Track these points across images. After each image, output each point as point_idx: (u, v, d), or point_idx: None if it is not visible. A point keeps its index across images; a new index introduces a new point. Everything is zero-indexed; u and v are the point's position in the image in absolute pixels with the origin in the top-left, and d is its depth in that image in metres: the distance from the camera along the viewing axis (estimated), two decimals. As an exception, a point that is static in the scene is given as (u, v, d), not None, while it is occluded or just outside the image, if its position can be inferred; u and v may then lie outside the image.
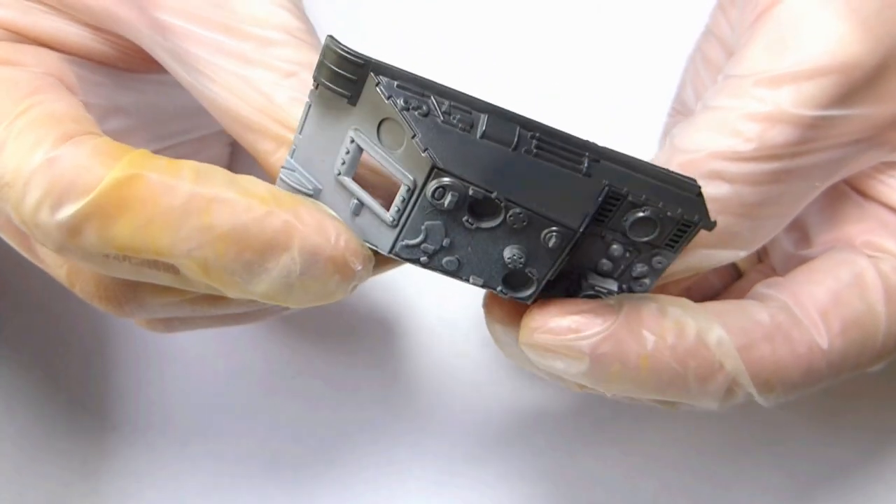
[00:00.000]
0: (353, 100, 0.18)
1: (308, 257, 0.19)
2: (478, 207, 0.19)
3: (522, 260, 0.19)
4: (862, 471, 0.31)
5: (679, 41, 0.29)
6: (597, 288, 0.20)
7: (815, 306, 0.21)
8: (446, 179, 0.18)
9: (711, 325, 0.21)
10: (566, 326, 0.20)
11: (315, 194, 0.20)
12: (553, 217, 0.18)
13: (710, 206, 0.20)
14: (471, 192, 0.18)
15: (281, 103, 0.20)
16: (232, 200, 0.18)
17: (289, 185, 0.20)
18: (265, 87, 0.20)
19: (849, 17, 0.20)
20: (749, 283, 0.26)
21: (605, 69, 0.19)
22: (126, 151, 0.19)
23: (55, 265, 0.22)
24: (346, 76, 0.18)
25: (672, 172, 0.19)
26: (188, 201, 0.18)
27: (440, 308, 0.31)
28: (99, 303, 0.22)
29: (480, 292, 0.22)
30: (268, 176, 0.21)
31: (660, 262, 0.20)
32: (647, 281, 0.21)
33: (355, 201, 0.20)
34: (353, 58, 0.18)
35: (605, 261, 0.20)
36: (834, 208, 0.24)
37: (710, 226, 0.19)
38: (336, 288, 0.20)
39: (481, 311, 0.22)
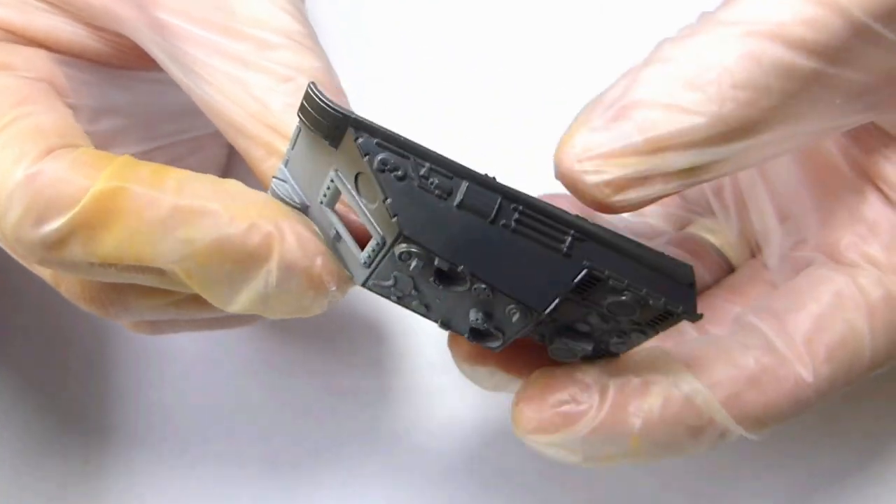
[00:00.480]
0: (334, 143, 0.18)
1: (284, 271, 0.19)
2: (444, 275, 0.18)
3: (486, 325, 0.19)
4: (861, 472, 0.31)
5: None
6: (570, 346, 0.20)
7: (799, 334, 0.22)
8: (412, 247, 0.17)
9: (696, 388, 0.21)
10: (554, 422, 0.21)
11: (303, 209, 0.20)
12: (518, 297, 0.18)
13: (732, 92, 0.18)
14: (436, 263, 0.18)
15: (275, 109, 0.20)
16: (214, 212, 0.18)
17: (279, 195, 0.20)
18: (260, 91, 0.20)
19: None
20: (739, 282, 0.26)
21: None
22: (109, 161, 0.18)
23: (41, 268, 0.22)
24: (326, 125, 0.18)
25: (666, 258, 0.19)
26: (171, 214, 0.18)
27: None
28: (84, 304, 0.22)
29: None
30: (260, 182, 0.21)
31: (638, 338, 0.20)
32: (623, 347, 0.21)
33: (335, 231, 0.20)
34: (333, 110, 0.17)
35: (581, 325, 0.20)
36: (826, 208, 0.24)
37: (695, 318, 0.19)
38: (311, 303, 0.20)
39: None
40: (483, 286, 0.18)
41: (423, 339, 0.31)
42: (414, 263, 0.18)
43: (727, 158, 0.19)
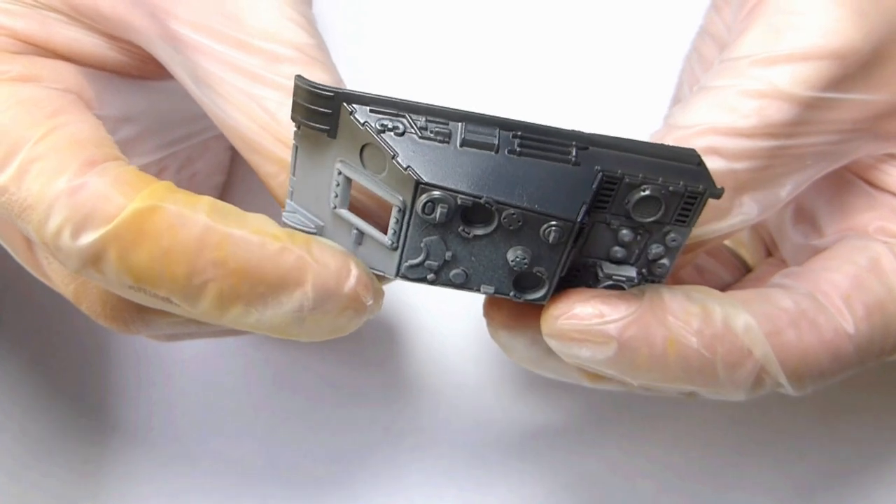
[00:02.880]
0: (332, 133, 0.19)
1: (321, 293, 0.19)
2: (470, 215, 0.19)
3: (527, 260, 0.19)
4: (862, 471, 0.31)
5: (675, 43, 0.29)
6: (615, 277, 0.20)
7: (836, 292, 0.21)
8: (434, 193, 0.18)
9: (737, 311, 0.20)
10: (591, 312, 0.19)
11: (319, 232, 0.20)
12: (548, 212, 0.18)
13: None
14: (459, 202, 0.18)
15: (285, 123, 0.20)
16: (246, 236, 0.19)
17: (292, 227, 0.20)
18: (271, 105, 0.20)
19: (844, 3, 0.20)
20: (759, 277, 0.26)
21: (603, 71, 0.20)
22: (148, 182, 0.19)
23: (62, 284, 0.23)
24: (320, 111, 0.18)
25: (667, 146, 0.19)
26: (204, 234, 0.19)
27: (441, 308, 0.31)
28: (105, 321, 0.23)
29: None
30: (273, 197, 0.21)
31: (674, 240, 0.20)
32: (665, 262, 0.20)
33: (355, 231, 0.20)
34: (322, 91, 0.18)
35: (617, 248, 0.20)
36: (843, 198, 0.24)
37: (718, 193, 0.19)
38: (348, 322, 0.20)
39: (482, 310, 0.22)
40: (511, 212, 0.18)
41: (423, 340, 0.31)
42: (440, 211, 0.18)
43: (709, 237, 0.21)
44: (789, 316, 0.21)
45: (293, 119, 0.19)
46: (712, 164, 0.20)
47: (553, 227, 0.18)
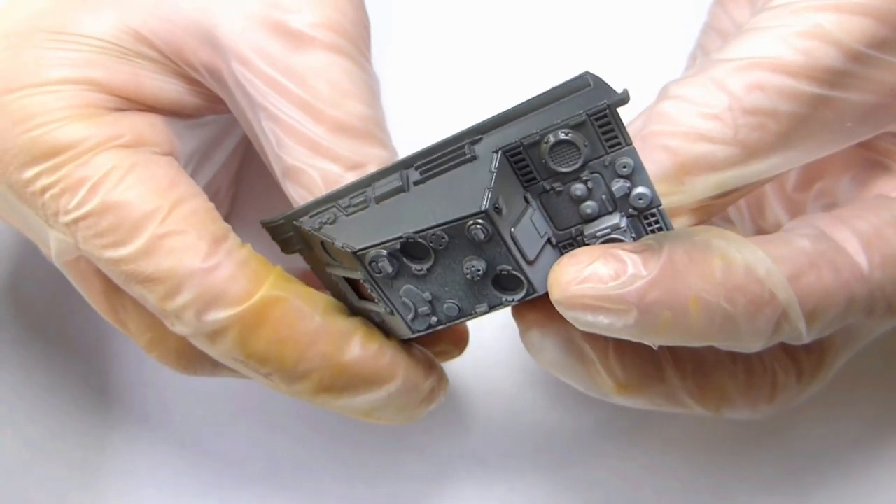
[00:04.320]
0: (305, 248, 0.22)
1: (409, 387, 0.22)
2: (414, 254, 0.19)
3: (480, 269, 0.18)
4: (862, 470, 0.31)
5: (680, 42, 0.29)
6: (600, 233, 0.18)
7: (857, 237, 0.21)
8: (370, 252, 0.19)
9: (759, 256, 0.19)
10: (604, 274, 0.17)
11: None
12: (455, 217, 0.18)
13: (743, 118, 0.19)
14: (389, 250, 0.19)
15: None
16: (352, 334, 0.21)
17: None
18: (330, 176, 0.21)
19: None
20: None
21: (609, 66, 0.20)
22: (270, 270, 0.21)
23: (138, 332, 0.24)
24: (289, 237, 0.21)
25: (557, 87, 0.18)
26: (319, 330, 0.21)
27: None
28: (175, 369, 0.24)
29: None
30: None
31: (625, 166, 0.18)
32: (641, 190, 0.18)
33: (373, 312, 0.22)
34: (277, 223, 0.21)
35: (584, 205, 0.18)
36: (865, 175, 0.24)
37: (622, 96, 0.16)
38: (418, 412, 0.23)
39: (509, 312, 0.21)
40: (431, 234, 0.18)
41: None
42: (384, 263, 0.19)
43: (747, 182, 0.20)
44: (809, 257, 0.20)
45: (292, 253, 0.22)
46: (754, 98, 0.19)
47: (473, 227, 0.17)
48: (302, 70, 0.21)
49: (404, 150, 0.21)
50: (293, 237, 0.21)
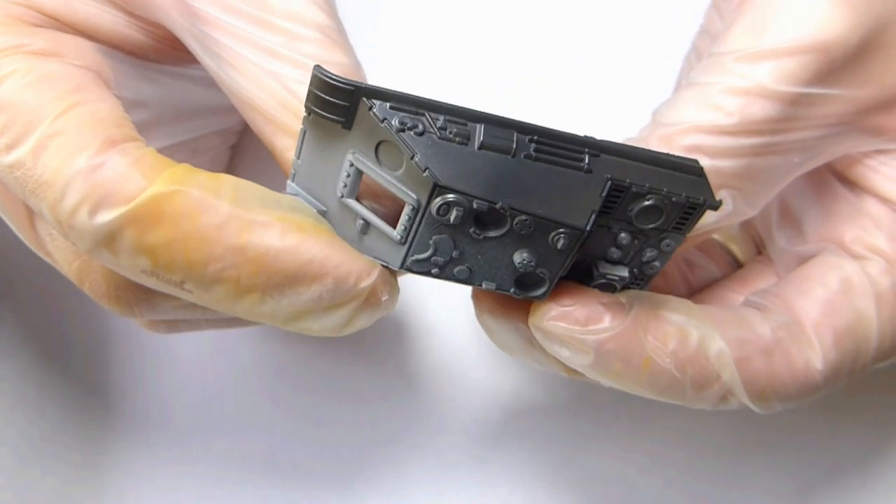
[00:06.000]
0: (347, 125, 0.18)
1: (340, 287, 0.19)
2: (483, 218, 0.19)
3: (533, 263, 0.19)
4: (862, 471, 0.31)
5: (678, 43, 0.29)
6: (608, 276, 0.21)
7: (808, 320, 0.22)
8: (450, 196, 0.18)
9: (713, 336, 0.21)
10: (576, 317, 0.20)
11: (322, 215, 0.20)
12: (559, 219, 0.18)
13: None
14: (475, 206, 0.18)
15: (303, 99, 0.20)
16: (268, 224, 0.19)
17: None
18: (290, 83, 0.20)
19: None
20: (746, 276, 0.26)
21: (606, 69, 0.20)
22: (168, 165, 0.19)
23: (65, 262, 0.22)
24: (337, 103, 0.18)
25: (672, 156, 0.19)
26: (226, 221, 0.18)
27: (440, 306, 0.31)
28: (108, 303, 0.22)
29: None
30: (281, 170, 0.21)
31: (668, 245, 0.20)
32: (657, 264, 0.21)
33: (361, 221, 0.20)
34: (342, 85, 0.18)
35: (614, 249, 0.20)
36: (826, 204, 0.24)
37: (716, 205, 0.19)
38: (361, 318, 0.20)
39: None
40: (524, 218, 0.18)
41: (424, 340, 0.31)
42: (454, 214, 0.18)
43: (706, 230, 0.22)
44: (763, 343, 0.21)
45: (305, 107, 0.19)
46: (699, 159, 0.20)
47: (562, 234, 0.19)
48: None
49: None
50: (340, 106, 0.18)
